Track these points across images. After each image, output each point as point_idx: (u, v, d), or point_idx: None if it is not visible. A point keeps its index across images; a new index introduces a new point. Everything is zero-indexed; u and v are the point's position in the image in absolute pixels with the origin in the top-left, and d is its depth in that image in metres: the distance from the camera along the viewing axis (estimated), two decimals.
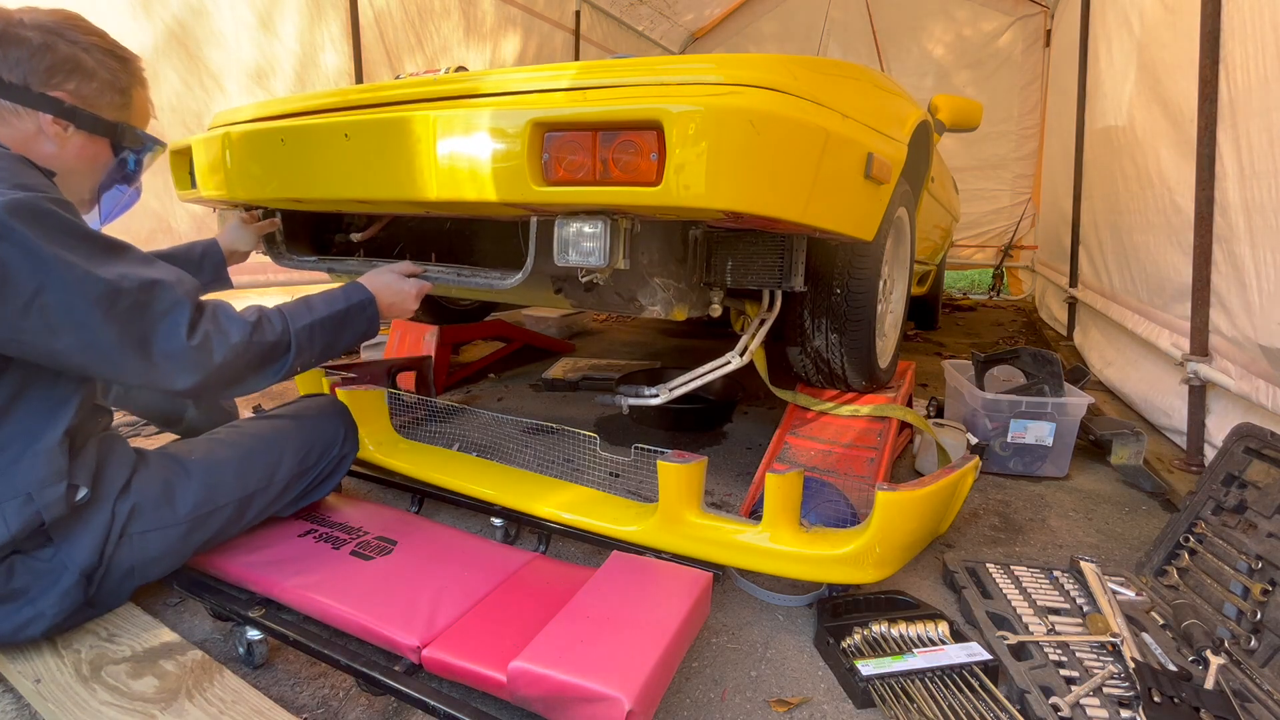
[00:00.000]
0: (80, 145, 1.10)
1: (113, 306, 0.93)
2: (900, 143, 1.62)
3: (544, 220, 1.38)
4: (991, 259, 6.51)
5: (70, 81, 1.06)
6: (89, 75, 1.07)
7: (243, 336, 1.05)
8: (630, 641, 1.00)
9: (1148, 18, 2.65)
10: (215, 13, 3.02)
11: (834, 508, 1.47)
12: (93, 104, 1.09)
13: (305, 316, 1.17)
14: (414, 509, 1.67)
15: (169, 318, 0.98)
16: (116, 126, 1.13)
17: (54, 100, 1.04)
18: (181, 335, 0.98)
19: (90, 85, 1.08)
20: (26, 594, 1.03)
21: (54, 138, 1.07)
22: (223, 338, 1.03)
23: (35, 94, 1.03)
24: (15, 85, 1.02)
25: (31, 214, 0.89)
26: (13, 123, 1.04)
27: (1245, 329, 1.80)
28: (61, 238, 0.92)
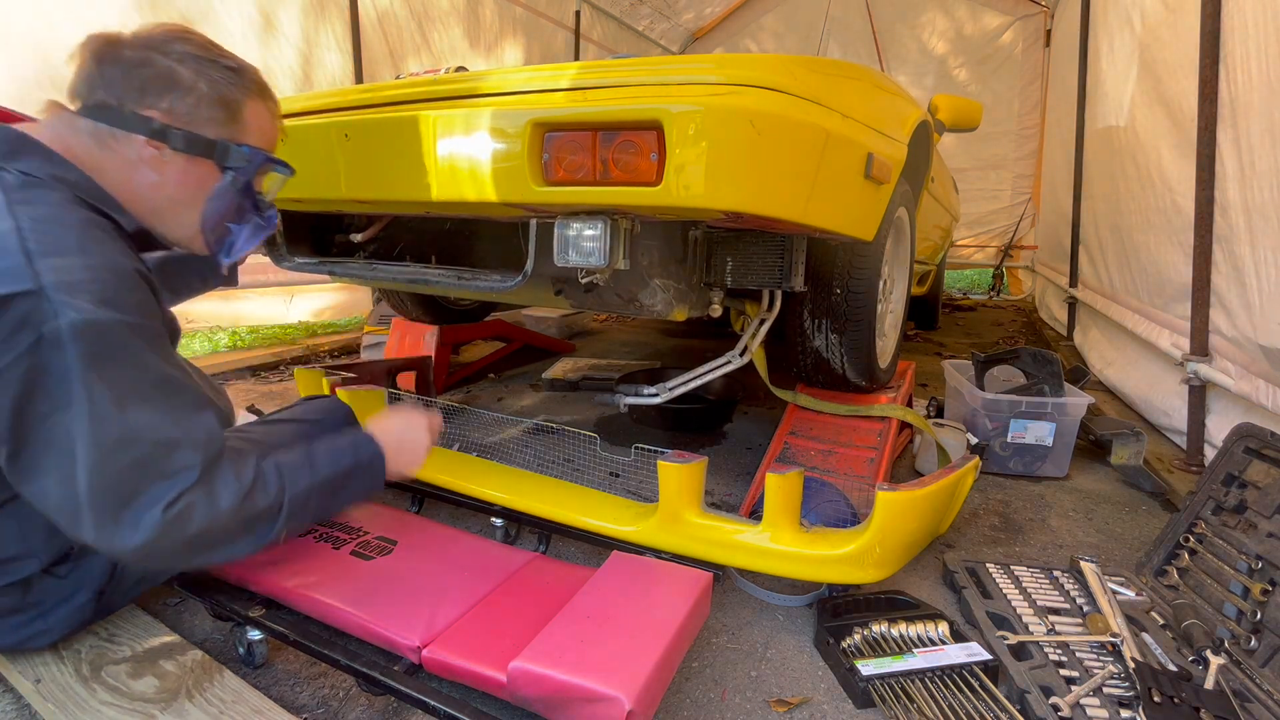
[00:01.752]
0: (180, 170, 0.98)
1: (114, 456, 0.82)
2: (900, 143, 1.62)
3: (544, 221, 1.38)
4: (991, 259, 6.51)
5: (164, 99, 0.94)
6: (185, 89, 0.95)
7: (232, 504, 0.90)
8: (630, 641, 1.00)
9: (1149, 17, 2.65)
10: (222, 11, 3.03)
11: (834, 508, 1.47)
12: (190, 121, 0.96)
13: (304, 477, 1.00)
14: (414, 509, 1.67)
15: (164, 483, 0.85)
16: (217, 144, 0.98)
17: (145, 119, 0.93)
18: (163, 503, 0.84)
19: (186, 100, 0.95)
20: (39, 607, 1.03)
21: (151, 164, 0.96)
22: (208, 506, 0.88)
23: (128, 114, 0.93)
24: (108, 106, 0.93)
25: (98, 338, 0.81)
26: (114, 148, 0.94)
27: (1245, 329, 1.80)
28: (112, 368, 0.82)
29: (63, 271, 0.80)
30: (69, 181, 0.90)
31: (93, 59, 0.93)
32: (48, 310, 0.79)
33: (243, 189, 1.04)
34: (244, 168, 1.02)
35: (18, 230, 0.81)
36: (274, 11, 3.27)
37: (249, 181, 1.04)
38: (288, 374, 3.13)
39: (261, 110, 1.04)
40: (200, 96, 0.96)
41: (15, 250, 0.79)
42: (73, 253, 0.83)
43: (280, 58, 3.31)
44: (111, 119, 0.93)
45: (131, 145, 0.94)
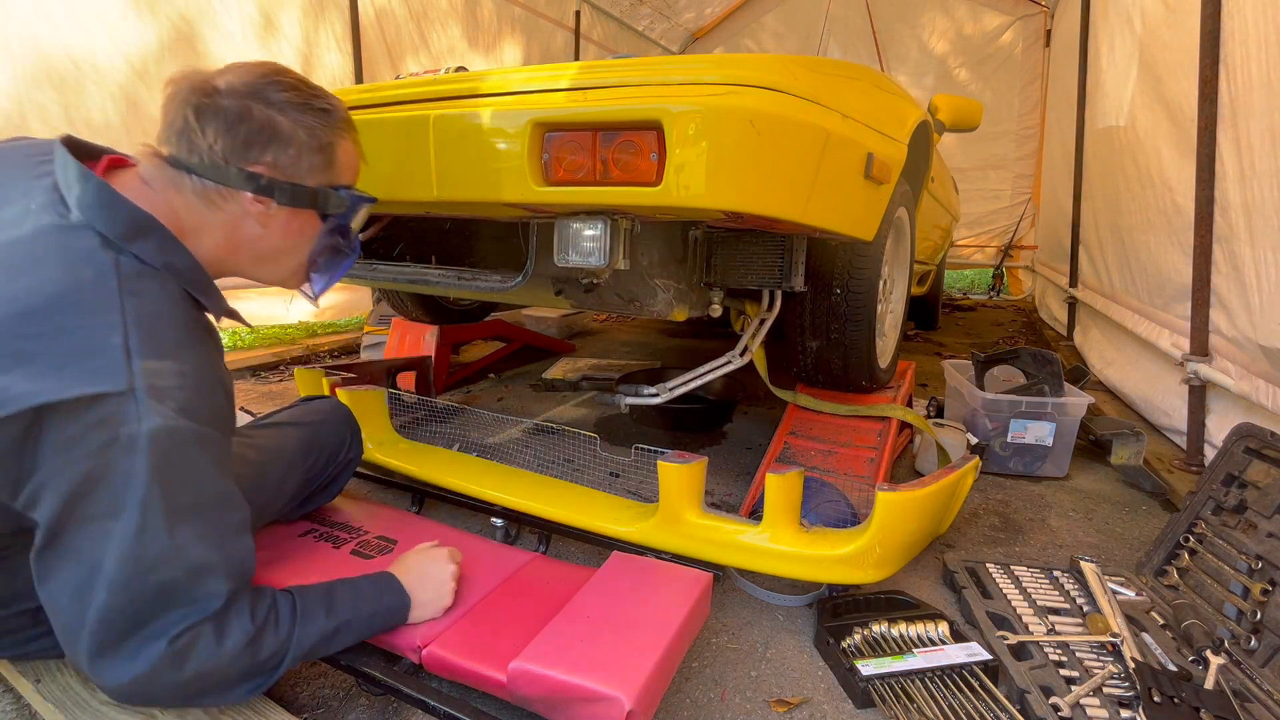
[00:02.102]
0: (285, 221, 0.97)
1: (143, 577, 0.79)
2: (900, 143, 1.62)
3: (544, 221, 1.38)
4: (991, 259, 6.51)
5: (268, 152, 0.92)
6: (286, 140, 0.93)
7: (238, 643, 0.86)
8: (630, 641, 1.00)
9: (1149, 17, 2.65)
10: (222, 11, 3.03)
11: (834, 508, 1.47)
12: (292, 172, 0.95)
13: (319, 622, 0.96)
14: (414, 509, 1.67)
15: (181, 610, 0.82)
16: (319, 193, 0.98)
17: (252, 176, 0.92)
18: (171, 633, 0.81)
19: (288, 151, 0.94)
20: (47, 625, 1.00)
21: (258, 218, 0.95)
22: (215, 642, 0.84)
23: (233, 171, 0.91)
24: (215, 164, 0.90)
25: (171, 448, 0.79)
26: (220, 205, 0.93)
27: (1245, 329, 1.80)
28: (174, 481, 0.80)
29: (155, 375, 0.79)
30: (177, 270, 0.89)
31: (191, 112, 0.89)
32: (131, 413, 0.77)
33: (338, 228, 1.05)
34: (344, 214, 1.03)
35: (123, 325, 0.79)
36: (274, 12, 3.27)
37: (346, 220, 1.05)
38: (288, 374, 3.13)
39: (351, 146, 1.03)
40: (301, 146, 0.95)
41: (117, 348, 0.78)
42: (169, 355, 0.82)
43: (280, 58, 3.31)
44: (218, 177, 0.91)
45: (238, 202, 0.93)
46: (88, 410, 0.76)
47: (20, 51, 2.42)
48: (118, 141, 2.68)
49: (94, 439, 0.76)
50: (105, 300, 0.80)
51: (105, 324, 0.79)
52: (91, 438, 0.76)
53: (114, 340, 0.78)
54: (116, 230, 0.84)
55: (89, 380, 0.76)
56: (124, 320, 0.80)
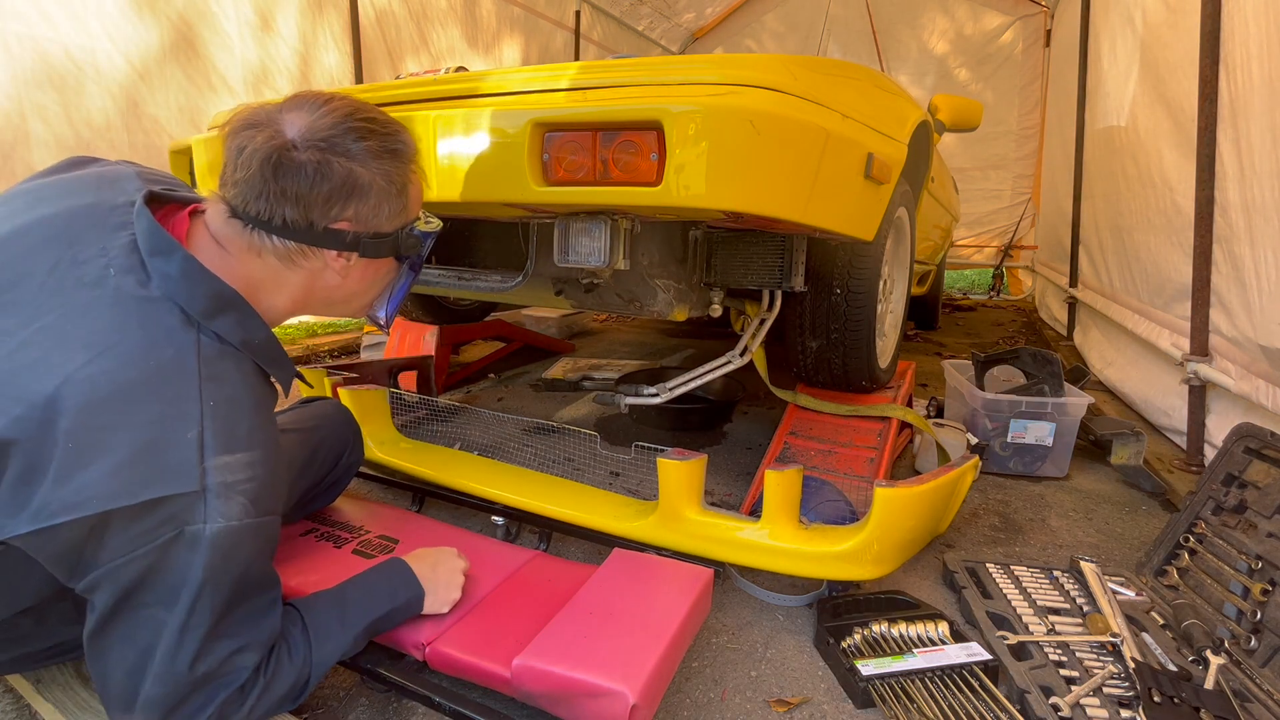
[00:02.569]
0: (363, 268, 0.97)
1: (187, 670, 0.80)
2: (900, 143, 1.62)
3: (544, 221, 1.38)
4: (991, 259, 6.51)
5: (350, 206, 0.89)
6: (366, 191, 0.90)
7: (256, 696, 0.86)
8: (633, 637, 1.01)
9: (1151, 17, 2.65)
10: (219, 12, 3.03)
11: (833, 507, 1.47)
12: (373, 222, 0.93)
13: (336, 634, 0.96)
14: (415, 508, 1.67)
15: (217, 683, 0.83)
16: (397, 237, 0.97)
17: (336, 233, 0.90)
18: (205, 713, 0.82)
19: (369, 203, 0.91)
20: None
21: (339, 271, 0.94)
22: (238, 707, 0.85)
23: (318, 232, 0.89)
24: (298, 225, 0.87)
25: (231, 547, 0.79)
26: (301, 263, 0.91)
27: (1245, 329, 1.80)
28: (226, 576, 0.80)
29: (226, 471, 0.79)
30: (254, 347, 0.89)
31: (270, 171, 0.84)
32: (199, 513, 0.77)
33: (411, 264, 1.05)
34: (418, 255, 1.03)
35: (200, 418, 0.78)
36: (272, 12, 3.26)
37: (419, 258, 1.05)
38: None
39: (419, 176, 1.00)
40: (380, 194, 0.92)
41: (192, 444, 0.77)
42: (241, 446, 0.81)
43: (278, 58, 3.31)
44: (302, 238, 0.89)
45: (320, 258, 0.92)
46: (155, 510, 0.75)
47: (20, 51, 2.42)
48: (118, 141, 2.68)
49: (159, 536, 0.76)
50: (185, 388, 0.79)
51: (183, 416, 0.78)
52: (156, 534, 0.76)
53: (189, 435, 0.77)
54: (198, 307, 0.83)
55: (161, 482, 0.75)
56: (201, 411, 0.79)
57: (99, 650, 0.81)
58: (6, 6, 2.37)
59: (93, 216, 0.87)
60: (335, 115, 0.88)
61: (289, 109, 0.88)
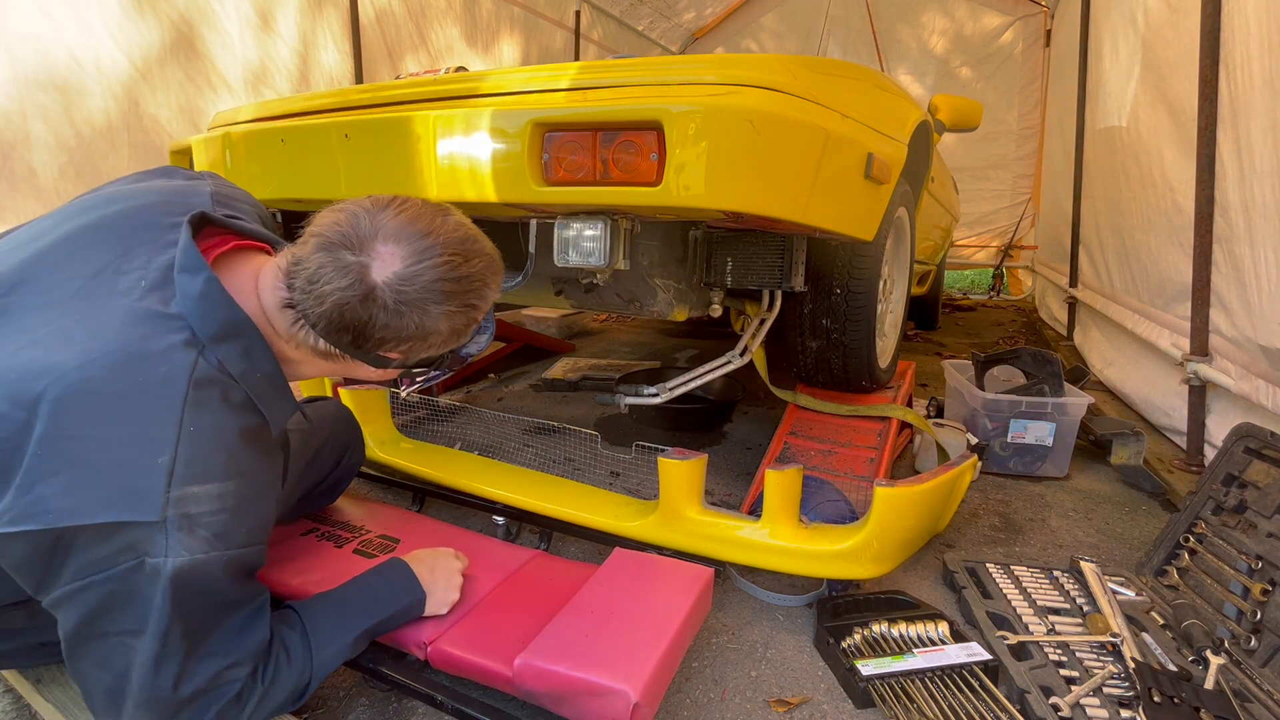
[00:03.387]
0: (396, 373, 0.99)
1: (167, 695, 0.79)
2: (900, 143, 1.62)
3: (544, 221, 1.38)
4: (991, 259, 6.50)
5: (405, 345, 0.89)
6: (426, 338, 0.89)
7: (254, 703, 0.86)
8: (634, 636, 1.01)
9: (1153, 17, 2.64)
10: (221, 11, 3.03)
11: (833, 506, 1.47)
12: (421, 354, 0.93)
13: (337, 636, 0.96)
14: (415, 508, 1.67)
15: (202, 704, 0.81)
16: (440, 359, 0.99)
17: (382, 359, 0.91)
18: None
19: (426, 344, 0.90)
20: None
21: (373, 376, 0.96)
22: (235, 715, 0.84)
23: (364, 354, 0.89)
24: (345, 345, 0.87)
25: (194, 581, 0.77)
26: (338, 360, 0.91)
27: (1245, 329, 1.80)
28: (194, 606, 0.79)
29: (192, 503, 0.76)
30: (253, 380, 0.86)
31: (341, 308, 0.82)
32: (160, 545, 0.74)
33: None
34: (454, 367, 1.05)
35: (175, 443, 0.76)
36: (271, 11, 3.26)
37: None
38: None
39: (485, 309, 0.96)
40: (439, 338, 0.90)
41: (161, 470, 0.75)
42: (214, 477, 0.79)
43: (278, 58, 3.31)
44: (347, 352, 0.88)
45: (359, 363, 0.92)
46: (115, 534, 0.74)
47: (23, 51, 2.42)
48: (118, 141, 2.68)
49: (120, 562, 0.74)
50: (166, 410, 0.77)
51: (157, 439, 0.76)
52: (115, 561, 0.74)
53: (160, 460, 0.75)
54: (209, 331, 0.82)
55: (122, 506, 0.73)
56: (178, 436, 0.76)
57: (76, 671, 0.80)
58: (10, 6, 2.37)
59: (151, 229, 0.87)
60: (432, 272, 0.84)
61: (388, 237, 0.83)
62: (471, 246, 0.90)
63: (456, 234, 0.88)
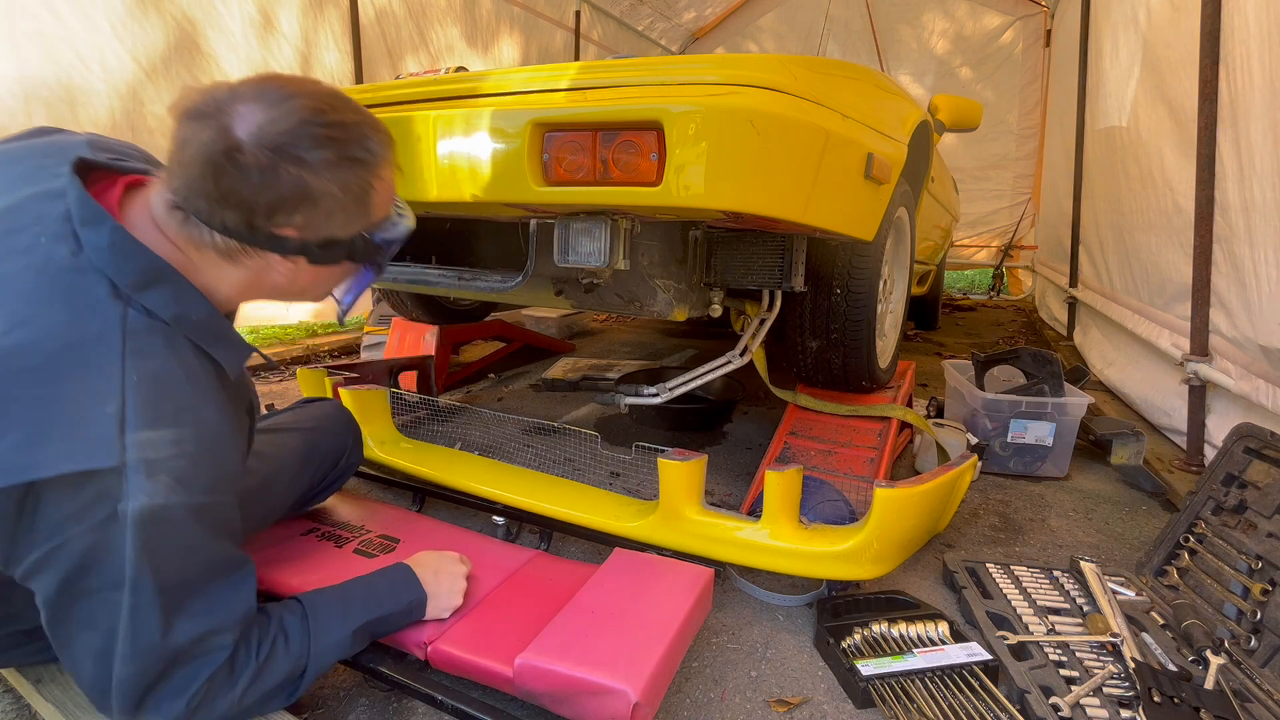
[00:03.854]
0: (314, 272, 0.92)
1: (151, 651, 0.79)
2: (900, 143, 1.62)
3: (544, 221, 1.38)
4: (991, 259, 6.51)
5: (297, 214, 0.84)
6: (317, 199, 0.84)
7: (248, 682, 0.86)
8: (634, 636, 1.01)
9: (1155, 16, 2.64)
10: (224, 11, 3.04)
11: (833, 506, 1.47)
12: (325, 229, 0.88)
13: (335, 628, 0.96)
14: (415, 508, 1.67)
15: (193, 665, 0.82)
16: (352, 244, 0.91)
17: (279, 239, 0.85)
18: (187, 693, 0.81)
19: (319, 211, 0.85)
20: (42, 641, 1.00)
21: (284, 273, 0.90)
22: (227, 690, 0.85)
23: (260, 236, 0.84)
24: (239, 228, 0.83)
25: (159, 525, 0.77)
26: (243, 261, 0.87)
27: (1245, 329, 1.80)
28: (166, 557, 0.78)
29: (148, 447, 0.76)
30: (190, 323, 0.85)
31: (210, 172, 0.79)
32: (123, 489, 0.75)
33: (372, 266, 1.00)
34: (378, 260, 0.98)
35: (121, 392, 0.76)
36: (273, 11, 3.27)
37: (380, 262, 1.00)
38: (288, 374, 3.13)
39: (387, 178, 0.93)
40: (334, 202, 0.86)
41: (111, 418, 0.75)
42: (165, 423, 0.78)
43: (279, 57, 3.31)
44: (243, 240, 0.84)
45: (264, 258, 0.87)
46: (81, 487, 0.74)
47: (30, 50, 2.43)
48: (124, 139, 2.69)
49: (89, 516, 0.75)
50: (106, 362, 0.76)
51: (102, 390, 0.75)
52: (86, 515, 0.75)
53: (108, 409, 0.75)
54: (128, 280, 0.80)
55: (80, 455, 0.73)
56: (123, 385, 0.76)
57: (61, 641, 0.81)
58: (16, 4, 2.38)
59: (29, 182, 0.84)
60: (294, 116, 0.81)
61: (244, 97, 0.81)
62: (340, 100, 0.87)
63: (321, 89, 0.86)
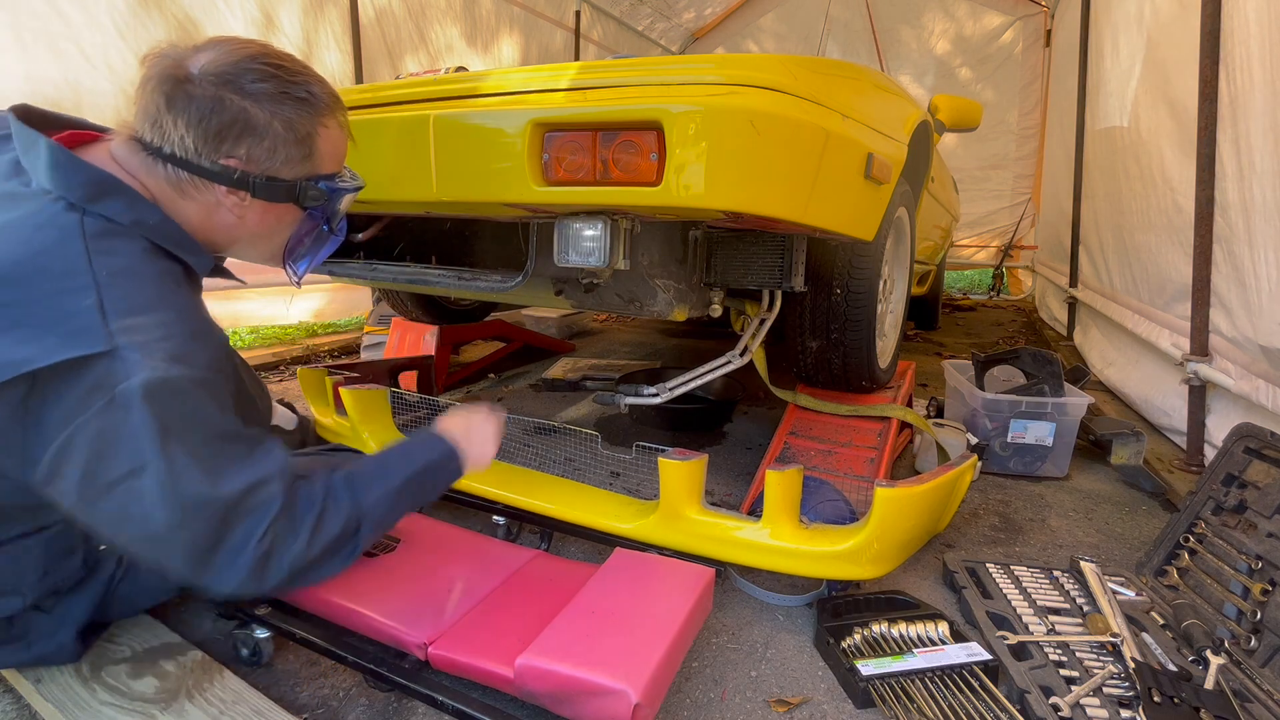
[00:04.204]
0: (260, 212, 0.96)
1: (199, 512, 0.81)
2: (900, 143, 1.62)
3: (544, 221, 1.38)
4: (992, 259, 6.50)
5: (241, 145, 0.89)
6: (261, 133, 0.90)
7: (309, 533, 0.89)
8: (635, 636, 1.01)
9: (1161, 15, 2.64)
10: (225, 10, 3.05)
11: (833, 506, 1.47)
12: (267, 166, 0.92)
13: (378, 484, 1.00)
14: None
15: (250, 520, 0.84)
16: (296, 186, 0.96)
17: (225, 170, 0.90)
18: (251, 545, 0.84)
19: (263, 145, 0.91)
20: (24, 640, 1.02)
21: (232, 209, 0.94)
22: (291, 534, 0.87)
23: (204, 166, 0.89)
24: (186, 156, 0.88)
25: (169, 397, 0.79)
26: (193, 194, 0.91)
27: (1245, 329, 1.80)
28: (184, 426, 0.81)
29: (136, 331, 0.79)
30: (148, 226, 0.88)
31: (162, 99, 0.86)
32: (120, 371, 0.77)
33: (319, 218, 1.04)
34: (322, 205, 1.01)
35: (96, 287, 0.79)
36: (274, 10, 3.27)
37: (326, 211, 1.04)
38: (288, 374, 3.13)
39: (334, 131, 0.99)
40: (277, 139, 0.91)
41: (92, 309, 0.78)
42: (147, 309, 0.81)
43: None
44: (190, 168, 0.89)
45: (211, 192, 0.92)
46: (79, 376, 0.76)
47: (36, 49, 2.43)
48: None
49: (93, 403, 0.77)
50: (72, 262, 0.80)
51: (75, 287, 0.78)
52: (90, 402, 0.77)
53: (86, 302, 0.78)
54: (77, 193, 0.84)
55: (70, 344, 0.76)
56: (95, 280, 0.79)
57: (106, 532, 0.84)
58: (22, 3, 2.38)
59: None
60: (241, 54, 0.89)
61: (202, 47, 0.89)
62: (289, 56, 0.95)
63: (272, 48, 0.93)
